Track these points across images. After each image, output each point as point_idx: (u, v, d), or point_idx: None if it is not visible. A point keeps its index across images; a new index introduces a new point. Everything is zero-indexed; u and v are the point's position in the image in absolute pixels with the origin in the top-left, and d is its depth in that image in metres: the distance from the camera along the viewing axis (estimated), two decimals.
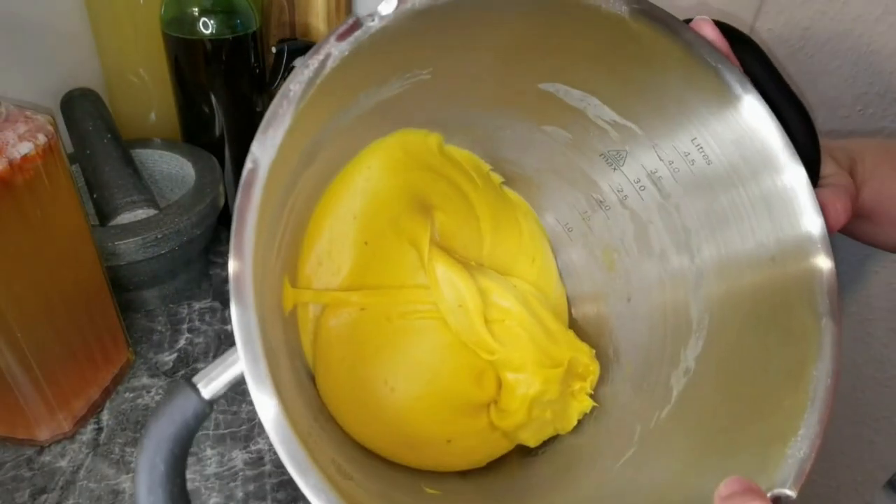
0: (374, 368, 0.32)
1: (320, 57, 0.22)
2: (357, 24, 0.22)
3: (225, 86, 0.50)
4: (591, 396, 0.33)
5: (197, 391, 0.21)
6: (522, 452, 0.34)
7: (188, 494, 0.21)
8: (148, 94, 0.54)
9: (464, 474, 0.33)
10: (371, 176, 0.32)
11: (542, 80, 0.30)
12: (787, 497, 0.21)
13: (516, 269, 0.36)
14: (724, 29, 0.27)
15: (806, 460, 0.22)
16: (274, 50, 0.52)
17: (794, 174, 0.25)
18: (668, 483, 0.25)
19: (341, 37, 0.22)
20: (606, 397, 0.33)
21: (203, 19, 0.47)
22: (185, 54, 0.49)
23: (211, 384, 0.21)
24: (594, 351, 0.34)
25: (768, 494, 0.21)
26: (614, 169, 0.32)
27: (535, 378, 0.32)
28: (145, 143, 0.51)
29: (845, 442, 0.58)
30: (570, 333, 0.34)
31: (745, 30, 0.59)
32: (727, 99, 0.26)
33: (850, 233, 0.34)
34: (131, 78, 0.53)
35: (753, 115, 0.26)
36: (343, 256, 0.32)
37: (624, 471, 0.28)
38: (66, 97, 0.50)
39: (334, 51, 0.22)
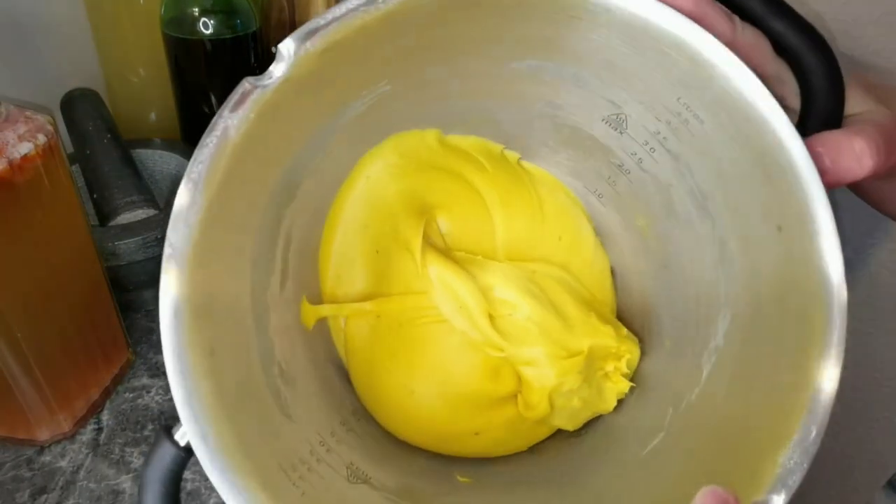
0: (393, 373, 0.32)
1: (217, 133, 0.22)
2: (250, 91, 0.23)
3: (225, 86, 0.50)
4: (633, 374, 0.32)
5: (173, 441, 0.23)
6: (567, 433, 0.34)
7: None
8: (148, 94, 0.54)
9: (505, 459, 0.33)
10: (370, 186, 0.32)
11: (510, 60, 0.29)
12: None
13: (540, 251, 0.35)
14: None
15: (795, 470, 0.20)
16: (274, 50, 0.52)
17: (782, 132, 0.22)
18: (674, 490, 0.25)
19: (234, 108, 0.23)
20: (647, 373, 0.32)
21: (203, 19, 0.47)
22: (185, 54, 0.49)
23: (187, 434, 0.23)
24: (625, 330, 0.33)
25: None
26: (620, 133, 0.31)
27: (550, 371, 0.31)
28: (145, 143, 0.51)
29: (845, 442, 0.58)
30: (593, 317, 0.33)
31: None
32: (689, 55, 0.24)
33: (875, 189, 0.28)
34: (131, 78, 0.53)
35: (723, 67, 0.23)
36: (357, 268, 0.33)
37: (646, 462, 0.27)
38: (66, 97, 0.50)
39: (231, 122, 0.23)
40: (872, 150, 0.21)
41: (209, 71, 0.49)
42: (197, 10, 0.47)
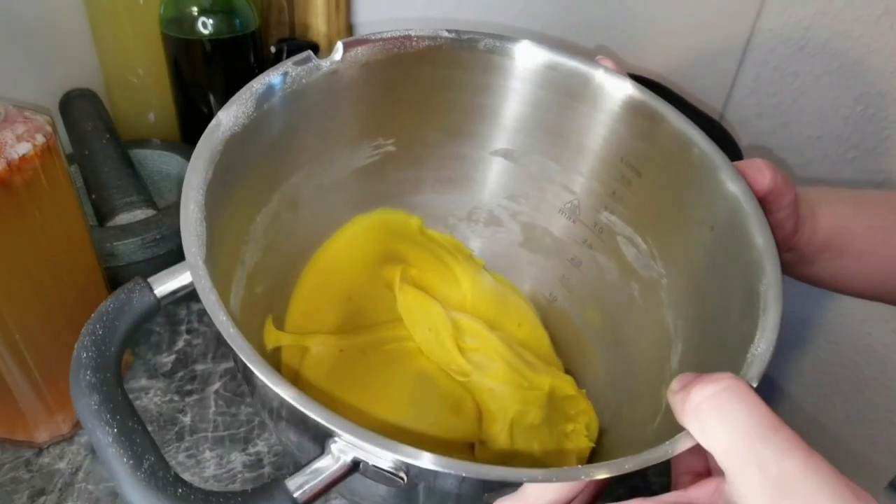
0: (349, 401, 0.32)
1: (280, 72, 0.27)
2: (309, 58, 0.28)
3: (224, 86, 0.50)
4: (594, 447, 0.33)
5: (151, 288, 0.24)
6: None
7: (121, 364, 0.22)
8: (147, 94, 0.54)
9: None
10: (354, 243, 0.35)
11: (489, 147, 0.34)
12: None
13: (502, 327, 0.36)
14: (632, 76, 0.32)
15: (765, 353, 0.22)
16: (273, 50, 0.52)
17: (706, 146, 0.28)
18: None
19: (298, 63, 0.28)
20: (608, 446, 0.33)
21: (202, 19, 0.47)
22: (185, 54, 0.49)
23: (163, 285, 0.24)
24: (585, 392, 0.34)
25: None
26: (574, 222, 0.35)
27: (512, 399, 0.31)
28: (144, 143, 0.51)
29: (846, 443, 0.58)
30: (553, 368, 0.35)
31: (746, 29, 0.60)
32: (634, 107, 0.30)
33: (810, 274, 0.34)
34: (130, 78, 0.53)
35: (664, 112, 0.29)
36: (330, 312, 0.34)
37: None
38: (64, 97, 0.50)
39: (293, 71, 0.27)
40: (770, 166, 0.28)
41: (208, 71, 0.49)
42: (196, 9, 0.47)
